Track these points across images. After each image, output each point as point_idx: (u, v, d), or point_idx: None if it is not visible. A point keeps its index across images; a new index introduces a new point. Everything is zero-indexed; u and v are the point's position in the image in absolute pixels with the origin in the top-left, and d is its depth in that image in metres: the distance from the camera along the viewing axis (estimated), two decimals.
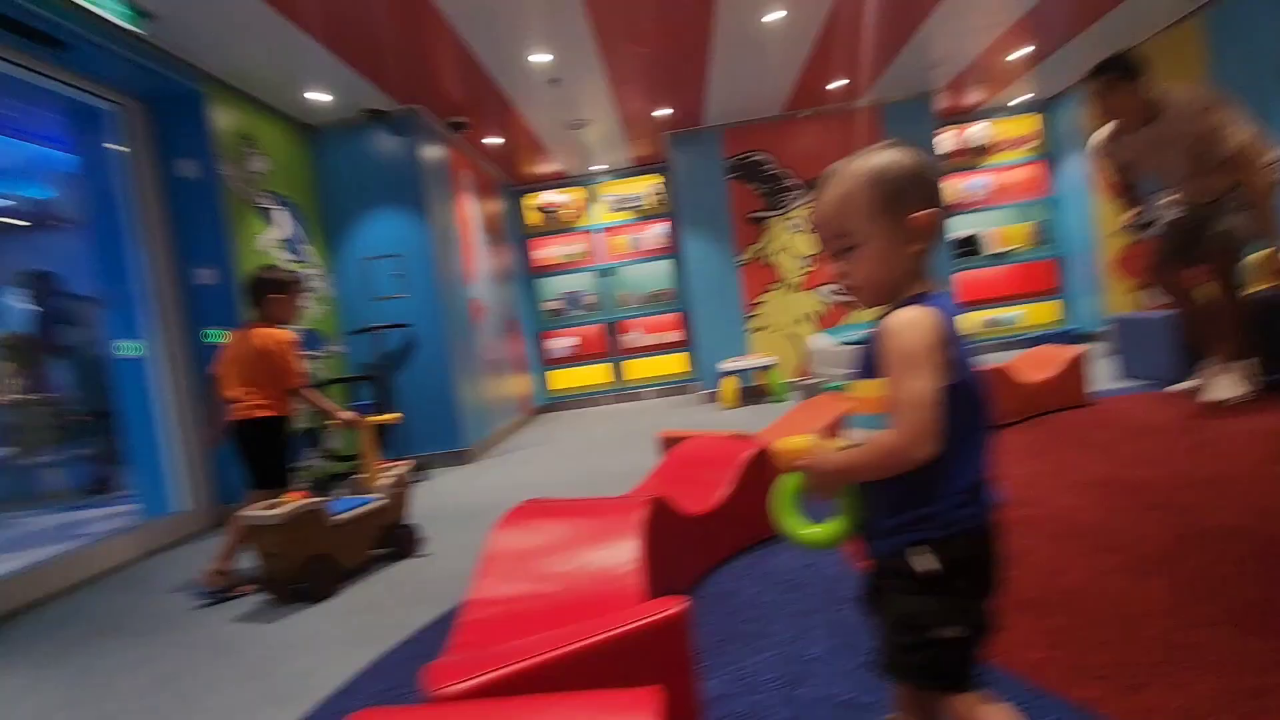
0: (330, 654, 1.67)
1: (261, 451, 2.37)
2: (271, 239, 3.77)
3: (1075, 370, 3.31)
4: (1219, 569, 1.43)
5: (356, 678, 1.52)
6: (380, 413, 3.66)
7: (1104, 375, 3.90)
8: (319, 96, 3.92)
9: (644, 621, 0.91)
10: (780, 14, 3.74)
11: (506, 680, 0.85)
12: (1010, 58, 5.03)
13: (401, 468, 2.60)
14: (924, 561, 0.77)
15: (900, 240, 0.81)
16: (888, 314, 0.80)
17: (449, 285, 4.48)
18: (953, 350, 0.77)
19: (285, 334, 2.42)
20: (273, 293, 2.43)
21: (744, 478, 2.00)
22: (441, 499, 3.37)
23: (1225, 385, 2.78)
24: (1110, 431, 2.73)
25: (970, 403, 0.78)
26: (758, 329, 5.89)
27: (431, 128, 4.54)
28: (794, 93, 5.17)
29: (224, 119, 3.51)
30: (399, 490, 2.51)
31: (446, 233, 4.59)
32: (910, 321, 0.77)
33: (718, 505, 1.89)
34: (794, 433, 2.63)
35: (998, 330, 6.58)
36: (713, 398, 5.77)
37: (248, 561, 2.22)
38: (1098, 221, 5.85)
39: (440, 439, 4.36)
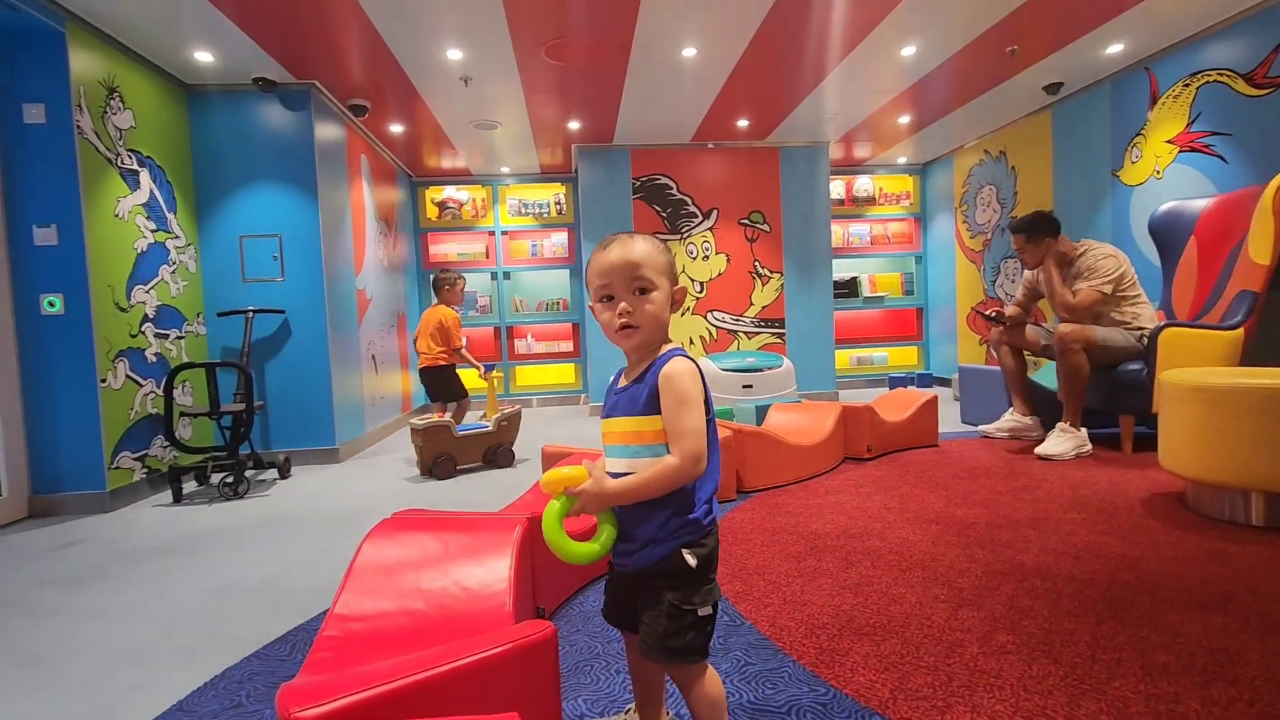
0: (162, 667, 1.53)
1: (441, 386, 3.94)
2: (132, 203, 3.42)
3: (928, 413, 3.67)
4: (1021, 601, 1.64)
5: (191, 695, 1.41)
6: (244, 401, 3.44)
7: (949, 418, 4.34)
8: (203, 56, 3.62)
9: (509, 646, 0.93)
10: (694, 51, 3.90)
11: (366, 706, 0.83)
12: (895, 122, 5.52)
13: (510, 410, 3.81)
14: (690, 559, 0.96)
15: (667, 302, 1.02)
16: (657, 362, 0.98)
17: (335, 272, 4.25)
18: (706, 393, 0.98)
19: (453, 313, 3.96)
20: (447, 286, 4.01)
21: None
22: (305, 500, 3.17)
23: (1055, 443, 3.21)
24: (949, 471, 3.05)
25: (711, 433, 0.98)
26: None
27: (329, 107, 4.31)
28: (702, 124, 5.38)
29: (86, 64, 3.15)
30: (505, 424, 3.75)
31: (337, 217, 4.36)
32: (683, 369, 0.95)
33: (590, 525, 1.92)
34: None
35: (866, 368, 7.14)
36: (599, 411, 5.84)
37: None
38: (958, 280, 6.52)
39: (310, 434, 4.11)
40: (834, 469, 3.21)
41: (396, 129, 5.09)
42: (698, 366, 0.98)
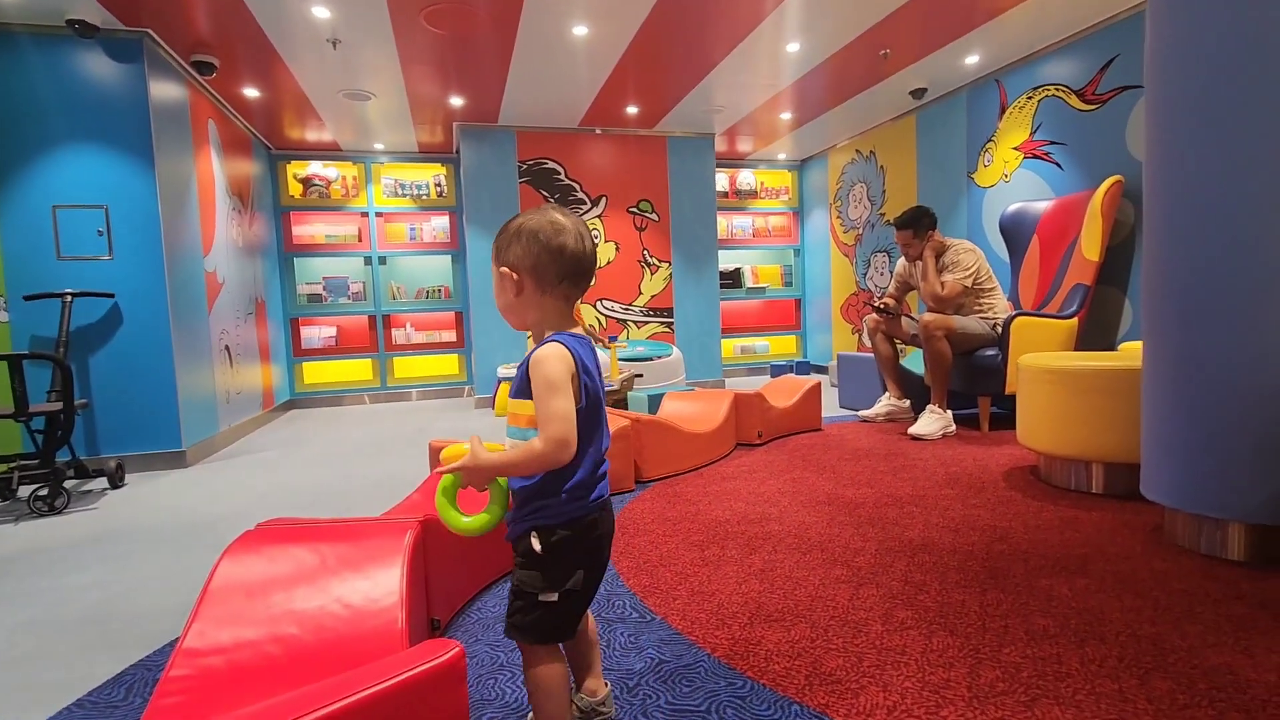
0: None
1: None
2: None
3: (811, 398, 3.81)
4: (914, 576, 1.71)
5: None
6: (61, 400, 2.94)
7: (829, 404, 4.56)
8: None
9: (410, 674, 0.80)
10: (585, 30, 3.78)
11: None
12: (776, 118, 5.69)
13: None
14: (535, 544, 0.98)
15: (507, 286, 1.02)
16: (534, 348, 0.98)
17: (178, 251, 3.73)
18: (581, 379, 0.97)
19: None
20: None
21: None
22: (144, 513, 2.76)
23: (925, 424, 3.43)
24: (834, 454, 3.18)
25: (589, 421, 0.99)
26: None
27: (166, 62, 3.76)
28: (591, 108, 5.27)
29: None
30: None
31: (180, 189, 3.82)
32: (550, 353, 0.95)
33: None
34: None
35: (749, 357, 7.38)
36: (487, 403, 5.60)
37: None
38: (832, 272, 6.87)
39: (149, 437, 3.59)
40: (728, 455, 3.25)
41: (251, 93, 4.55)
42: (576, 352, 0.97)
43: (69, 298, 3.31)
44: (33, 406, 2.90)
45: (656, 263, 6.14)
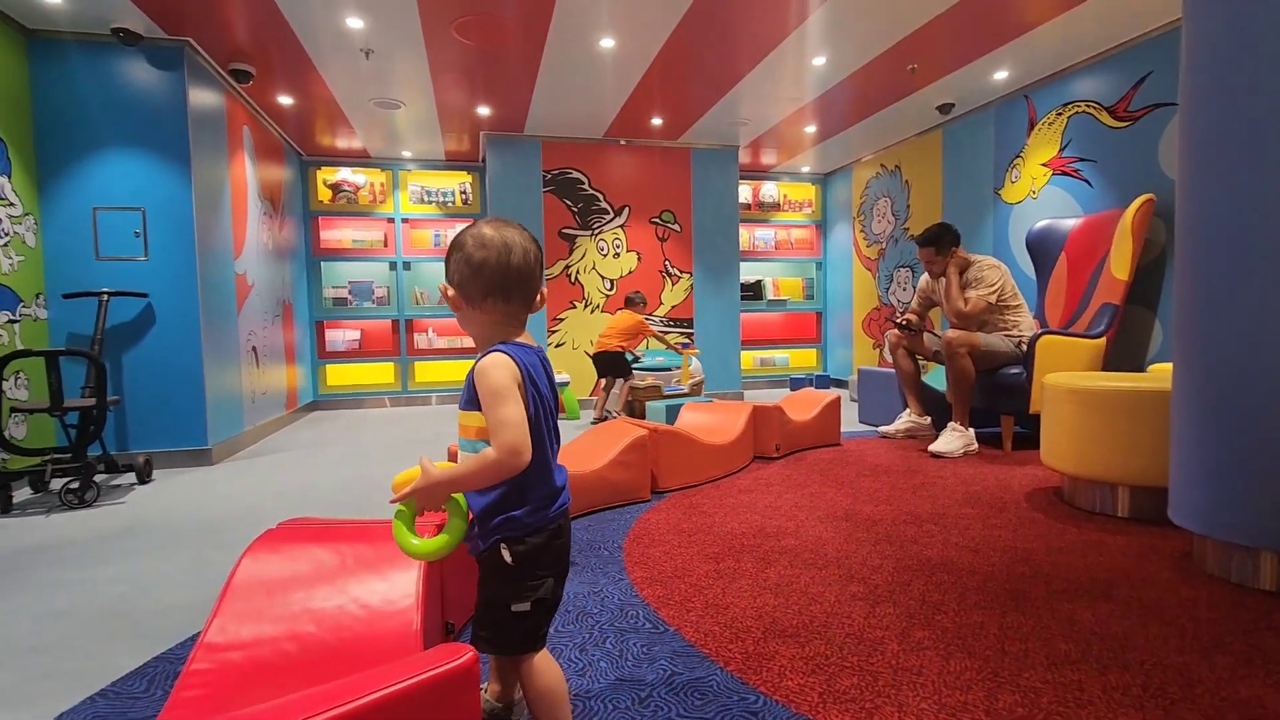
0: None
1: (619, 366, 4.81)
2: None
3: (831, 413, 3.79)
4: (932, 596, 1.69)
5: None
6: (95, 396, 3.02)
7: (848, 418, 4.52)
8: None
9: (423, 677, 0.81)
10: (611, 43, 3.82)
11: None
12: (800, 131, 5.69)
13: (698, 378, 5.20)
14: (505, 555, 0.98)
15: (460, 305, 1.03)
16: (480, 357, 1.00)
17: (210, 254, 3.82)
18: (528, 388, 0.98)
19: (640, 318, 4.96)
20: (641, 303, 5.05)
21: None
22: (170, 508, 2.81)
23: (946, 442, 3.39)
24: (853, 469, 3.15)
25: (540, 432, 0.99)
26: (557, 345, 5.89)
27: (205, 69, 3.87)
28: (616, 120, 5.31)
29: None
30: (696, 387, 5.06)
31: (214, 193, 3.92)
32: (493, 362, 0.96)
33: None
34: (586, 458, 2.64)
35: (769, 369, 7.35)
36: None
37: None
38: (855, 286, 6.83)
39: (177, 434, 3.67)
40: (745, 468, 3.24)
41: (286, 101, 4.66)
42: (521, 362, 0.98)
43: (105, 297, 3.40)
44: (67, 401, 2.99)
45: (678, 273, 6.15)
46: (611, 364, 4.86)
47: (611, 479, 2.56)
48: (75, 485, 2.85)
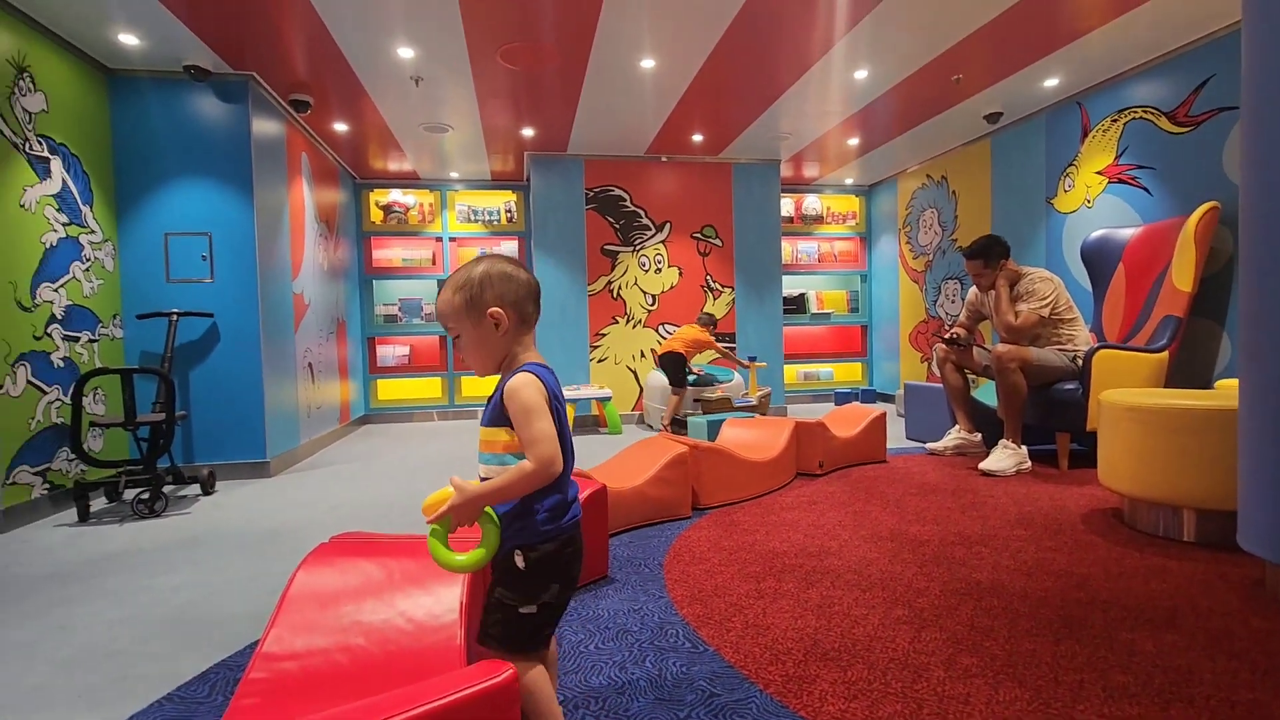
0: (59, 715, 1.36)
1: (678, 371, 4.94)
2: (40, 193, 3.13)
3: (876, 429, 3.71)
4: (981, 621, 1.64)
5: None
6: (164, 411, 3.20)
7: (895, 434, 4.42)
8: (128, 38, 3.37)
9: (464, 694, 0.84)
10: (652, 63, 3.88)
11: None
12: (843, 144, 5.65)
13: (764, 391, 5.28)
14: (518, 561, 1.04)
15: (488, 329, 1.07)
16: (506, 379, 1.05)
17: (270, 275, 4.01)
18: (552, 404, 1.04)
19: (707, 334, 5.13)
20: (712, 325, 5.25)
21: None
22: (231, 518, 2.95)
23: (998, 459, 3.29)
24: (899, 488, 3.08)
25: (564, 447, 1.04)
26: (599, 360, 5.95)
27: (268, 101, 4.09)
28: (657, 137, 5.37)
29: None
30: (763, 400, 5.12)
31: (274, 217, 4.12)
32: (524, 381, 1.02)
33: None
34: (626, 474, 2.66)
35: (813, 383, 7.25)
36: None
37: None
38: (900, 298, 6.70)
39: (238, 447, 3.84)
40: (787, 485, 3.20)
41: (341, 128, 4.88)
42: (543, 379, 1.04)
43: (175, 317, 3.61)
44: (140, 416, 3.17)
45: (719, 287, 6.14)
46: (671, 365, 4.97)
47: (652, 495, 2.57)
48: (146, 496, 3.02)
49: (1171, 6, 3.29)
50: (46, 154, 3.18)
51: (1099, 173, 4.29)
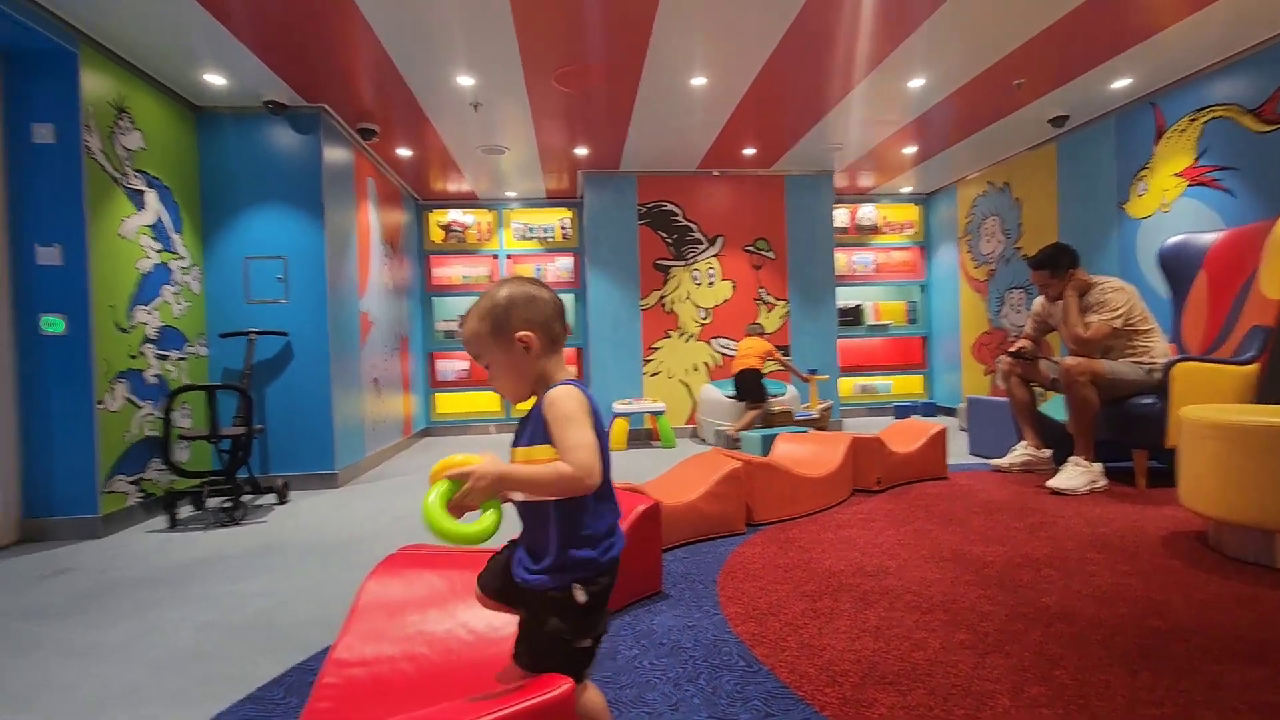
0: (148, 713, 1.46)
1: (754, 387, 4.91)
2: (137, 223, 3.40)
3: (936, 445, 3.61)
4: (1050, 649, 1.58)
5: None
6: (244, 425, 3.39)
7: (957, 450, 4.28)
8: (214, 78, 3.63)
9: (522, 707, 0.87)
10: (703, 81, 3.92)
11: None
12: (899, 152, 5.54)
13: (825, 404, 5.26)
14: (579, 595, 0.98)
15: (519, 353, 1.03)
16: (544, 392, 1.01)
17: (339, 295, 4.22)
18: (594, 420, 0.99)
19: (769, 344, 5.12)
20: (765, 333, 5.38)
21: (628, 534, 1.99)
22: (303, 527, 3.10)
23: (1068, 477, 3.15)
24: (961, 506, 2.98)
25: (605, 464, 1.00)
26: (652, 374, 5.98)
27: (338, 130, 4.32)
28: (709, 152, 5.40)
29: (96, 84, 3.15)
30: (825, 412, 5.15)
31: (343, 240, 4.34)
32: (565, 393, 0.99)
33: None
34: (680, 489, 2.67)
35: (870, 396, 7.09)
36: None
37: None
38: (962, 309, 6.50)
39: (309, 459, 4.04)
40: (844, 502, 3.15)
41: (404, 152, 5.10)
42: (586, 395, 1.01)
43: (253, 336, 3.83)
44: (222, 430, 3.37)
45: (773, 300, 6.10)
46: (750, 383, 4.94)
47: (706, 511, 2.58)
48: (228, 505, 3.21)
49: (1245, 5, 3.12)
50: (143, 187, 3.45)
51: (1177, 175, 4.08)
